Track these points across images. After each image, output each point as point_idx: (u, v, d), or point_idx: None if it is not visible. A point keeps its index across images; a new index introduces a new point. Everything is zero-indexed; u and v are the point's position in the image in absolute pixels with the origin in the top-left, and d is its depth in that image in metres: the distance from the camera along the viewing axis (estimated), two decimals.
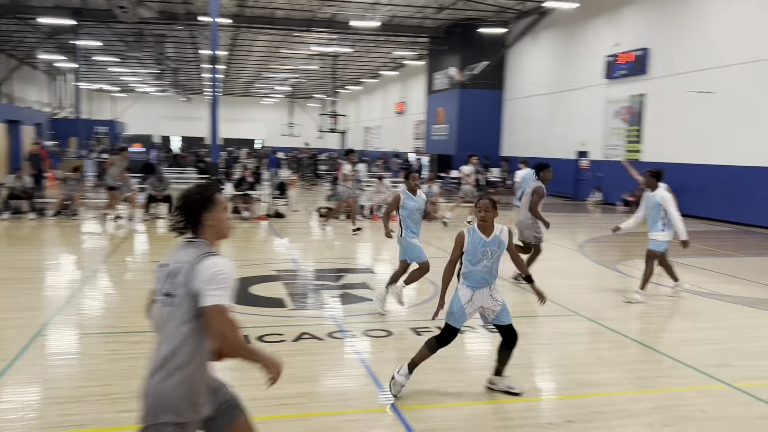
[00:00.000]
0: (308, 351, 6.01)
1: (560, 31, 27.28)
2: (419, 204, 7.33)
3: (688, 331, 7.08)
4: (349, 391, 5.12)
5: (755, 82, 17.30)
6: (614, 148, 23.61)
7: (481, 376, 5.41)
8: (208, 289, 2.56)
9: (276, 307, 7.64)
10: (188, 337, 2.61)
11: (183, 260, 2.66)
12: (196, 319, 2.60)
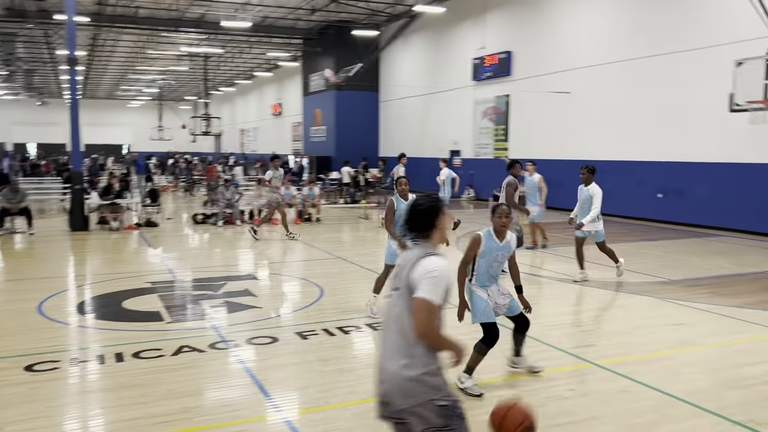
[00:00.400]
0: (190, 364, 5.80)
1: (430, 35, 28.21)
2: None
3: (556, 316, 7.60)
4: (236, 401, 5.00)
5: (605, 82, 18.88)
6: (484, 147, 24.80)
7: (366, 375, 5.49)
8: (422, 283, 2.82)
9: (152, 321, 7.30)
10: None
11: (410, 258, 2.97)
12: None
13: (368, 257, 11.91)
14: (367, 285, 9.28)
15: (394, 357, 2.86)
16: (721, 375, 5.57)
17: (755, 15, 12.50)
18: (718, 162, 15.50)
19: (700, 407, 4.82)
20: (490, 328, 5.14)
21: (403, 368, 2.82)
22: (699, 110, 15.87)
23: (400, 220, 7.10)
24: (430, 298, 2.79)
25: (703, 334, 6.82)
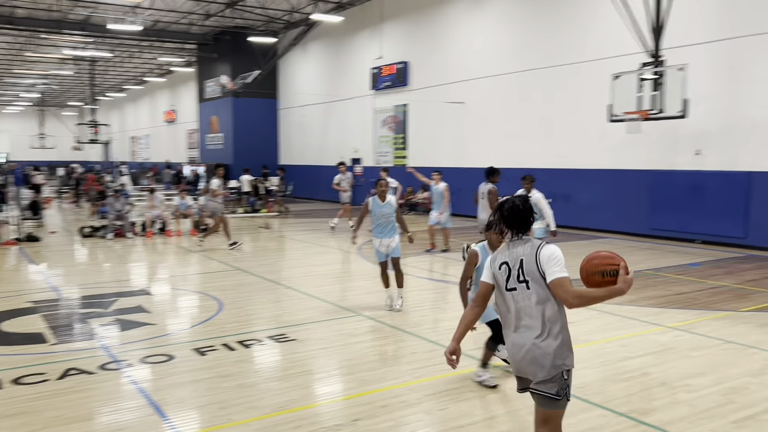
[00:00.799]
0: (77, 388, 5.45)
1: (328, 43, 28.28)
2: (387, 209, 7.92)
3: (454, 319, 7.77)
4: (129, 425, 4.75)
5: (497, 93, 19.71)
6: (385, 155, 25.14)
7: (268, 389, 5.40)
8: (551, 267, 3.36)
9: (34, 343, 6.80)
10: (553, 307, 3.40)
11: (522, 253, 3.44)
12: (550, 293, 3.37)
13: (270, 267, 11.73)
14: (269, 297, 9.16)
15: (544, 340, 3.40)
16: (606, 369, 5.94)
17: (629, 33, 13.50)
18: (600, 168, 16.57)
19: (587, 401, 5.11)
20: (496, 324, 5.32)
21: (556, 347, 3.40)
22: (583, 120, 16.92)
23: (378, 220, 7.97)
24: (564, 275, 3.36)
25: (589, 332, 7.24)
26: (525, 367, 3.48)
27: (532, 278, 3.40)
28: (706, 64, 13.94)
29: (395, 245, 8.11)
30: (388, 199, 8.01)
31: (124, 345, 6.75)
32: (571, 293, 3.31)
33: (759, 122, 13.35)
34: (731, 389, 5.35)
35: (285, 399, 5.17)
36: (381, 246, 8.10)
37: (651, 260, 12.25)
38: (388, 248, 8.11)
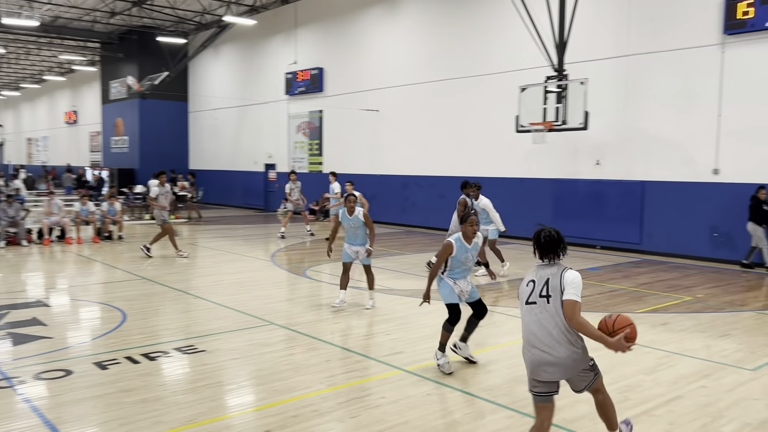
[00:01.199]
0: None
1: (242, 46, 27.78)
2: (354, 222, 8.59)
3: (368, 326, 7.84)
4: None
5: (411, 102, 20.03)
6: (300, 161, 24.94)
7: (174, 402, 5.20)
8: (570, 289, 3.87)
9: None
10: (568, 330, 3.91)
11: (549, 273, 3.97)
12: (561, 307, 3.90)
13: (178, 276, 11.34)
14: (177, 307, 8.85)
15: (561, 345, 3.89)
16: (514, 371, 6.14)
17: (536, 47, 14.11)
18: (509, 177, 17.17)
19: (495, 402, 5.26)
20: (454, 308, 6.06)
21: (571, 352, 3.90)
22: (493, 130, 17.49)
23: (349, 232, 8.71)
24: (575, 299, 3.85)
25: (498, 335, 7.47)
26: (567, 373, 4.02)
27: (555, 294, 3.91)
28: (604, 79, 14.78)
29: (365, 254, 8.72)
30: (356, 213, 8.61)
31: (16, 360, 6.31)
32: (576, 317, 3.86)
33: (650, 135, 14.29)
34: (627, 387, 5.67)
35: (192, 412, 5.00)
36: (350, 250, 8.79)
37: None
38: (357, 254, 8.76)
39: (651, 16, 14.17)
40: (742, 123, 12.91)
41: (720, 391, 5.61)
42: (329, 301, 9.52)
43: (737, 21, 12.66)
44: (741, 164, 12.97)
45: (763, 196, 12.17)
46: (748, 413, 5.09)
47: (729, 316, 8.57)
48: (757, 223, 12.21)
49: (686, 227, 13.79)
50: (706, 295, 9.85)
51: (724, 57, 13.05)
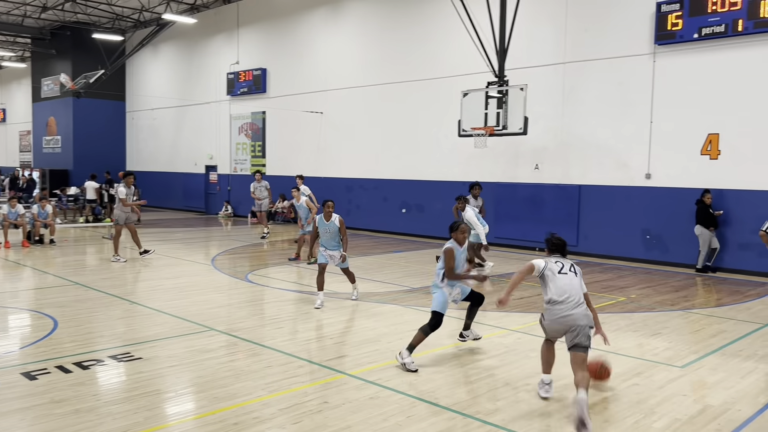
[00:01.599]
0: None
1: (182, 45, 27.16)
2: (331, 227, 9.12)
3: (311, 330, 7.78)
4: None
5: (355, 105, 20.03)
6: (242, 163, 24.56)
7: (108, 413, 5.02)
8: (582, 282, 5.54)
9: None
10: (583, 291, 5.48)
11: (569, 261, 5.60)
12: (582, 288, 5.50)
13: (114, 281, 10.96)
14: (112, 313, 8.55)
15: (582, 306, 5.33)
16: (455, 372, 6.21)
17: (478, 53, 14.34)
18: (451, 180, 17.39)
19: (437, 404, 5.31)
20: (438, 318, 6.47)
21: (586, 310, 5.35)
22: (436, 134, 17.68)
23: (324, 236, 9.17)
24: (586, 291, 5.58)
25: (441, 336, 7.53)
26: (580, 320, 5.24)
27: (579, 274, 5.52)
28: (543, 85, 15.18)
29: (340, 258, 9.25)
30: (332, 219, 9.10)
31: None
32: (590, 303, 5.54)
33: (587, 141, 14.75)
34: (564, 386, 5.81)
35: (127, 423, 4.83)
36: (326, 252, 9.24)
37: (496, 267, 13.03)
38: (332, 258, 9.24)
39: (586, 25, 14.65)
40: (671, 129, 13.49)
41: (652, 388, 5.82)
42: (272, 305, 9.41)
43: (667, 32, 13.23)
44: (671, 169, 13.54)
45: (709, 200, 12.53)
46: (678, 409, 5.30)
47: (660, 315, 8.93)
48: (704, 226, 12.57)
49: (620, 230, 14.30)
50: (639, 296, 10.22)
51: (656, 66, 13.62)
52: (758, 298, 10.36)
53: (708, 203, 12.56)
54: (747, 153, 12.53)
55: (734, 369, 6.44)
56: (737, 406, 5.40)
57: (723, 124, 12.79)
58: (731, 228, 12.76)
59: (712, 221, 12.58)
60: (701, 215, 12.62)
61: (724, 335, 7.81)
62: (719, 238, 12.73)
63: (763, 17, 12.01)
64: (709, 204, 12.57)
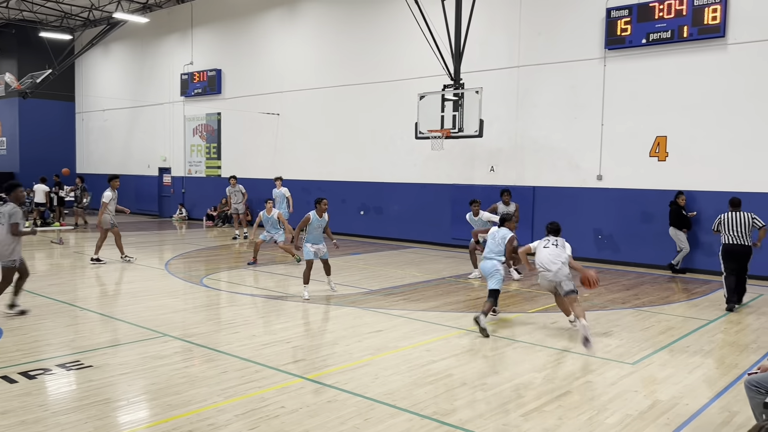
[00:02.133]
0: None
1: (134, 45, 26.56)
2: (323, 222, 9.97)
3: (268, 334, 7.70)
4: None
5: (312, 106, 19.93)
6: (197, 165, 24.15)
7: (56, 423, 4.86)
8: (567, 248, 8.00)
9: None
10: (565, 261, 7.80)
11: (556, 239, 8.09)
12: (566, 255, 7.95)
13: (63, 287, 10.62)
14: (61, 320, 8.28)
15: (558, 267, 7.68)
16: (413, 374, 6.23)
17: (434, 55, 14.46)
18: (408, 182, 17.48)
19: (395, 406, 5.31)
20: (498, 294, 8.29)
21: (562, 269, 7.67)
22: (393, 136, 17.73)
23: (315, 231, 9.92)
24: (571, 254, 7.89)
25: (398, 338, 7.56)
26: (557, 278, 7.66)
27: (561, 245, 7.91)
28: (498, 88, 15.40)
29: (326, 249, 10.16)
30: (324, 215, 9.94)
31: None
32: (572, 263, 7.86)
33: (540, 143, 15.03)
34: (520, 385, 5.90)
35: None
36: (313, 248, 9.93)
37: (453, 268, 13.15)
38: (319, 251, 10.00)
39: (539, 30, 14.93)
40: (621, 132, 13.86)
41: (604, 384, 5.96)
42: (227, 309, 9.27)
43: (617, 37, 13.59)
44: (621, 170, 13.91)
45: (683, 201, 12.57)
46: (629, 404, 5.44)
47: (612, 313, 9.15)
48: (677, 227, 12.58)
49: (573, 230, 14.58)
50: (591, 295, 10.46)
51: (606, 70, 13.97)
52: (704, 295, 10.73)
53: (682, 205, 12.58)
54: (693, 155, 12.97)
55: (682, 364, 6.64)
56: (685, 400, 5.57)
57: (671, 126, 13.21)
58: (669, 226, 13.17)
59: (685, 223, 12.56)
60: (675, 217, 12.59)
61: (673, 332, 8.06)
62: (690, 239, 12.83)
63: (707, 24, 12.47)
64: (683, 206, 12.59)
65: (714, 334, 7.99)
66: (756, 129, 12.24)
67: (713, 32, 12.42)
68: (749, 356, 6.99)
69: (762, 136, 12.18)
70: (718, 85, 12.61)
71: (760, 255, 12.11)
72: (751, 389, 4.54)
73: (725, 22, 12.35)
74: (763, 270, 12.10)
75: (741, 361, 6.82)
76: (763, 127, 12.16)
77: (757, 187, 12.22)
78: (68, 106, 29.73)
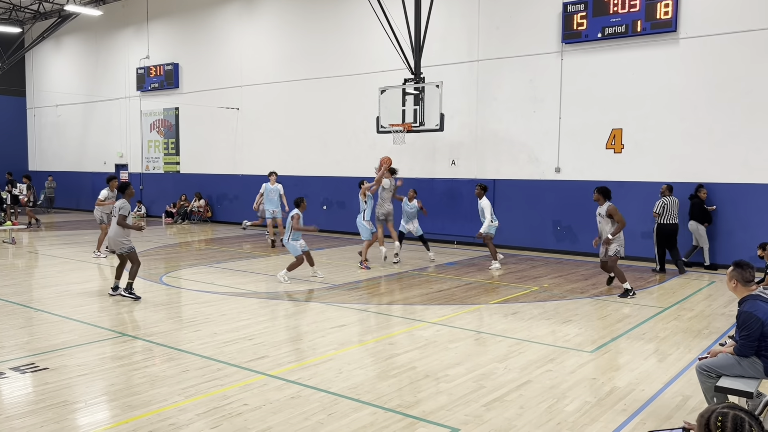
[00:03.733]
0: None
1: (88, 38, 25.86)
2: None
3: (230, 332, 7.62)
4: None
5: (272, 101, 19.74)
6: (154, 161, 23.69)
7: (11, 428, 4.73)
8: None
9: None
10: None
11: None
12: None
13: (15, 288, 10.31)
14: (13, 322, 8.05)
15: None
16: (376, 367, 6.25)
17: (395, 49, 14.47)
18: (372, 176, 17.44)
19: (359, 400, 5.33)
20: None
21: None
22: (356, 130, 17.70)
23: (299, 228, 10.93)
24: None
25: (361, 332, 7.58)
26: None
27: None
28: (458, 82, 15.51)
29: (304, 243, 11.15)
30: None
31: None
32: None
33: (500, 136, 15.21)
34: (482, 375, 5.98)
35: None
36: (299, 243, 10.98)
37: (415, 261, 13.22)
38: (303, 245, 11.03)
39: (497, 24, 15.07)
40: (579, 125, 14.12)
41: (564, 373, 6.09)
42: (188, 307, 9.14)
43: (573, 31, 13.82)
44: (578, 163, 14.18)
45: (704, 195, 12.24)
46: (588, 392, 5.57)
47: (571, 303, 9.34)
48: (699, 221, 12.22)
49: (533, 222, 14.84)
50: (551, 285, 10.65)
51: (563, 64, 14.20)
52: (659, 284, 11.03)
53: (703, 198, 12.27)
54: (647, 147, 13.30)
55: (638, 351, 6.83)
56: (641, 386, 5.73)
57: (626, 119, 13.51)
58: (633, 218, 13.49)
59: (707, 217, 12.26)
60: (696, 210, 12.24)
61: (629, 320, 8.27)
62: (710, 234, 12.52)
63: (659, 18, 12.78)
64: (704, 199, 12.29)
65: (668, 321, 8.23)
66: (706, 122, 12.61)
67: (665, 27, 12.74)
68: (701, 342, 7.23)
69: (713, 129, 12.56)
70: (670, 79, 12.95)
71: (715, 244, 12.53)
72: (702, 374, 4.70)
73: (677, 17, 12.67)
74: (717, 259, 12.51)
75: (693, 346, 7.04)
76: (713, 120, 12.54)
77: (708, 178, 12.60)
78: (19, 101, 28.82)
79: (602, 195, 9.86)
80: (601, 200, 9.87)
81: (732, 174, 12.40)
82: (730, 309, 8.89)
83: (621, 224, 9.62)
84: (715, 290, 10.40)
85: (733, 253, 11.80)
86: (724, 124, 12.42)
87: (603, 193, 9.86)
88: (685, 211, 12.42)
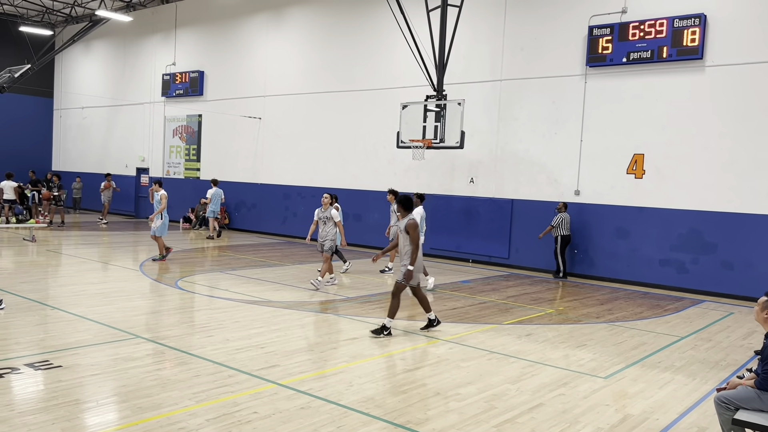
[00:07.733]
0: None
1: (117, 43, 26.31)
2: None
3: (242, 339, 7.63)
4: None
5: (295, 112, 19.89)
6: (176, 166, 23.94)
7: (23, 424, 4.76)
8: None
9: None
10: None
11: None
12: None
13: (34, 286, 10.43)
14: (30, 319, 8.14)
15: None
16: (387, 382, 6.22)
17: (418, 66, 14.54)
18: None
19: (369, 414, 5.29)
20: None
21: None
22: (375, 144, 17.76)
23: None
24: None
25: (373, 346, 7.55)
26: None
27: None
28: (480, 101, 15.52)
29: None
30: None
31: None
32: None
33: (520, 156, 15.17)
34: (494, 396, 5.92)
35: None
36: None
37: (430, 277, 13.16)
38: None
39: (522, 45, 15.10)
40: (600, 148, 14.04)
41: (576, 398, 6.01)
42: (201, 312, 9.17)
43: (598, 55, 13.80)
44: (598, 186, 14.09)
45: None
46: (601, 418, 5.49)
47: (585, 327, 9.24)
48: None
49: (550, 244, 14.73)
50: (566, 308, 10.55)
51: (587, 87, 14.17)
52: (676, 312, 10.88)
53: None
54: (669, 174, 13.18)
55: (653, 380, 6.73)
56: (655, 415, 5.63)
57: (648, 145, 13.42)
58: (650, 245, 13.34)
59: None
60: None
61: (645, 347, 8.16)
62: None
63: (686, 45, 12.72)
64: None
65: (684, 351, 8.11)
66: (731, 151, 12.48)
67: (691, 54, 12.67)
68: (719, 373, 7.11)
69: (735, 158, 12.42)
70: (694, 106, 12.86)
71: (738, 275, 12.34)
72: (720, 405, 4.61)
73: (703, 45, 12.61)
74: (734, 289, 12.32)
75: (710, 378, 6.92)
76: (736, 149, 12.41)
77: (732, 208, 12.45)
78: (46, 102, 29.32)
79: (403, 206, 8.13)
80: (402, 212, 8.18)
81: (756, 205, 12.23)
82: (748, 341, 8.74)
83: (415, 245, 8.00)
84: (733, 321, 10.23)
85: (756, 285, 11.63)
86: (750, 153, 12.29)
87: (404, 205, 8.12)
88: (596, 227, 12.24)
